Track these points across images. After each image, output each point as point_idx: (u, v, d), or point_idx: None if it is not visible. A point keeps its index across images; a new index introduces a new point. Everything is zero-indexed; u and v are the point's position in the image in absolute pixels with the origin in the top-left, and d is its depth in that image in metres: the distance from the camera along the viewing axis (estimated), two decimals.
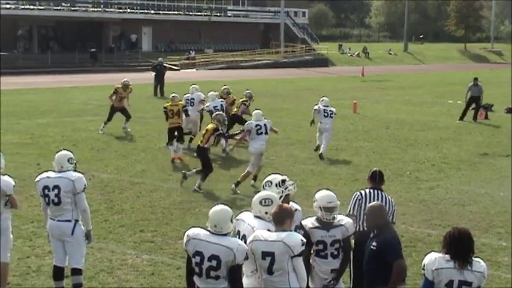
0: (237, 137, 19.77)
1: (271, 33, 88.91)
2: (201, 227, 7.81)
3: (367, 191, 10.12)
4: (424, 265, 7.38)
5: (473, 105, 32.60)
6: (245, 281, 8.24)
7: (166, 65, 49.13)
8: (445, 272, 7.21)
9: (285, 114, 32.11)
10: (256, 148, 18.14)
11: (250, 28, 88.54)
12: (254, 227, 8.13)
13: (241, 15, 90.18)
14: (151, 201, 16.45)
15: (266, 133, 18.33)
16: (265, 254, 7.70)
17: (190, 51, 74.87)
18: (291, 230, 7.87)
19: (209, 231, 7.65)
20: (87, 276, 11.09)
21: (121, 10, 77.08)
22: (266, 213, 8.19)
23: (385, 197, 10.04)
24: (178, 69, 66.31)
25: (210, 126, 18.01)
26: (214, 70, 69.18)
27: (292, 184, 9.00)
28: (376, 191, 10.08)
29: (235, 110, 24.88)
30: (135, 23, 76.86)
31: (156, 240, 13.44)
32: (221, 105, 22.86)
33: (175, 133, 21.71)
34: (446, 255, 7.26)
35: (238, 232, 8.35)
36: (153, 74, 43.23)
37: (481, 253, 12.28)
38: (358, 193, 10.16)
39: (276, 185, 8.89)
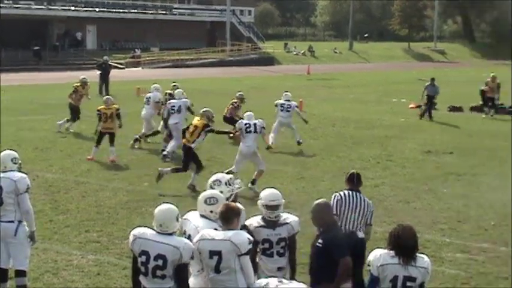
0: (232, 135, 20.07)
1: (217, 31, 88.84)
2: (147, 227, 7.79)
3: (346, 192, 10.12)
4: (369, 261, 7.47)
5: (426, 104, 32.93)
6: (192, 280, 8.23)
7: (112, 64, 48.80)
8: (390, 268, 7.31)
9: None
10: (246, 148, 17.99)
11: (196, 26, 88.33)
12: (198, 226, 8.12)
13: (187, 13, 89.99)
14: (97, 201, 16.31)
15: (255, 131, 18.04)
16: (212, 253, 7.68)
17: (136, 50, 74.51)
18: (237, 229, 7.88)
19: (155, 230, 7.64)
20: (31, 277, 10.97)
21: (65, 7, 76.34)
22: (211, 212, 8.19)
23: (364, 199, 10.11)
24: (123, 68, 65.93)
25: (200, 122, 17.89)
26: (160, 69, 68.86)
27: (241, 182, 9.02)
28: (354, 193, 10.11)
29: (225, 111, 25.26)
30: (79, 21, 76.20)
31: (102, 240, 13.34)
32: (179, 106, 22.09)
33: (106, 137, 21.34)
34: (391, 252, 7.36)
35: (185, 232, 8.34)
36: (98, 72, 42.83)
37: (425, 249, 12.40)
38: (338, 195, 10.11)
39: (226, 183, 8.91)
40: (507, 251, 13.23)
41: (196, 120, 18.25)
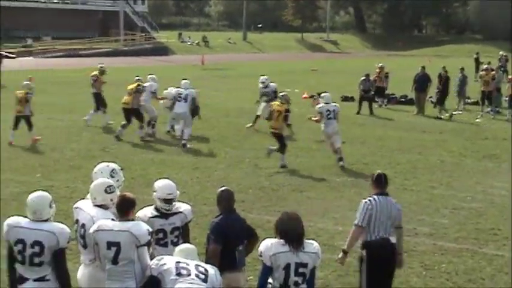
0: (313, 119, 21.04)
1: (111, 21, 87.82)
2: (22, 216, 7.73)
3: (377, 198, 9.57)
4: (260, 252, 7.54)
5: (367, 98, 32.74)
6: (83, 270, 8.21)
7: (3, 53, 47.61)
8: (282, 256, 7.42)
9: None
10: (332, 129, 20.35)
11: (88, 15, 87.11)
12: (94, 216, 8.05)
13: (80, 2, 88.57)
14: None
15: (334, 118, 20.36)
16: (110, 244, 7.64)
17: (27, 39, 72.92)
18: (133, 220, 7.85)
19: (29, 218, 7.59)
20: None
21: None
22: (111, 200, 8.17)
23: (393, 203, 9.69)
24: (14, 57, 64.43)
25: (282, 107, 20.05)
26: (53, 58, 67.69)
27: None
28: (384, 198, 9.63)
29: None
30: None
31: None
32: (186, 95, 22.84)
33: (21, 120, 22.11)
34: (281, 240, 7.45)
35: (77, 221, 8.27)
36: None
37: (319, 237, 12.61)
38: (368, 202, 9.54)
39: (119, 172, 9.00)
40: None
41: (277, 106, 20.12)
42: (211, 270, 7.26)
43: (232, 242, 8.57)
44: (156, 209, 8.79)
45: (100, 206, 8.20)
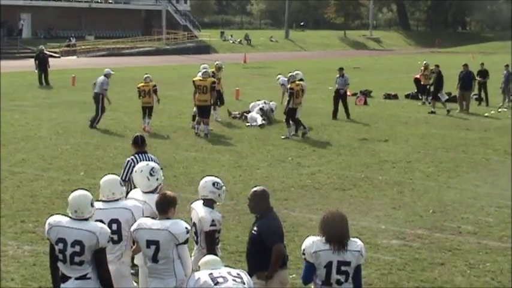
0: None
1: (153, 20, 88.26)
2: (63, 214, 7.80)
3: (137, 156, 11.30)
4: (303, 249, 7.52)
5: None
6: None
7: (48, 53, 48.02)
8: (323, 254, 7.38)
9: (168, 101, 31.92)
10: None
11: (131, 15, 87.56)
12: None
13: (122, 1, 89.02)
14: (32, 191, 16.14)
15: None
16: (149, 243, 7.72)
17: (71, 38, 73.53)
18: (173, 218, 7.88)
19: (70, 217, 7.64)
20: None
21: None
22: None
23: (152, 158, 11.15)
24: (59, 57, 65.01)
25: (207, 81, 23.57)
26: (96, 57, 68.23)
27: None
28: (144, 155, 11.31)
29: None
30: (13, 9, 74.74)
31: (38, 230, 13.16)
32: None
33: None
34: (323, 238, 7.43)
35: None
36: (36, 62, 41.70)
37: (361, 236, 12.52)
38: (130, 159, 11.29)
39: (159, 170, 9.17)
40: (441, 237, 13.45)
41: (200, 81, 23.63)
42: (242, 273, 7.20)
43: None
44: None
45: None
